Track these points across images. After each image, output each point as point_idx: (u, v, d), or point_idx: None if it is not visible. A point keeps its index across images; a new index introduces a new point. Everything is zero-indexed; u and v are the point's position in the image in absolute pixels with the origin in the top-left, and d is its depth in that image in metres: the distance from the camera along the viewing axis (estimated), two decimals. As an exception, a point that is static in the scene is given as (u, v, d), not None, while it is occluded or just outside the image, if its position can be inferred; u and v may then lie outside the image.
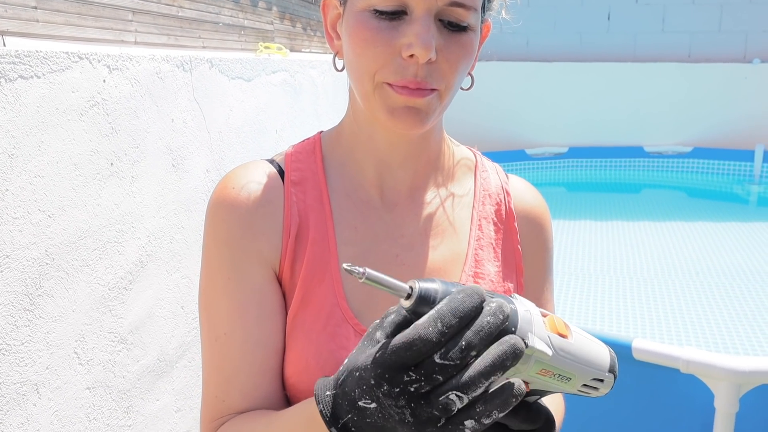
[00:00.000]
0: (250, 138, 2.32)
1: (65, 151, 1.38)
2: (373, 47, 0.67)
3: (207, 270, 0.76)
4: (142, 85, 1.65)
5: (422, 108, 0.69)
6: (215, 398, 0.74)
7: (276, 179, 0.78)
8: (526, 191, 0.87)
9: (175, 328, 1.85)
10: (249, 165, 0.79)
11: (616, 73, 5.82)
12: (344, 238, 0.77)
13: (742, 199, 5.38)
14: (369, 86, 0.70)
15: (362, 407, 0.50)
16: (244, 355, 0.73)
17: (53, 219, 1.36)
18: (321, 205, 0.78)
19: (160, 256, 1.76)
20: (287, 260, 0.76)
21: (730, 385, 1.41)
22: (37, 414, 1.34)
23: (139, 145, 1.65)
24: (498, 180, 0.86)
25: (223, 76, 2.12)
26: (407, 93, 0.68)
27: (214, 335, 0.75)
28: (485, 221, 0.82)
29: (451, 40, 0.68)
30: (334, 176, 0.80)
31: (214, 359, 0.75)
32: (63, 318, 1.40)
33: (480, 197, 0.84)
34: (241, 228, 0.75)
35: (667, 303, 3.15)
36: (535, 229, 0.85)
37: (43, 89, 1.31)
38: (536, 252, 0.85)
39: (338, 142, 0.82)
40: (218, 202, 0.76)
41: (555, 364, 0.53)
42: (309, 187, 0.79)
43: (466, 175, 0.85)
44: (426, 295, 0.49)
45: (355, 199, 0.79)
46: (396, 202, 0.80)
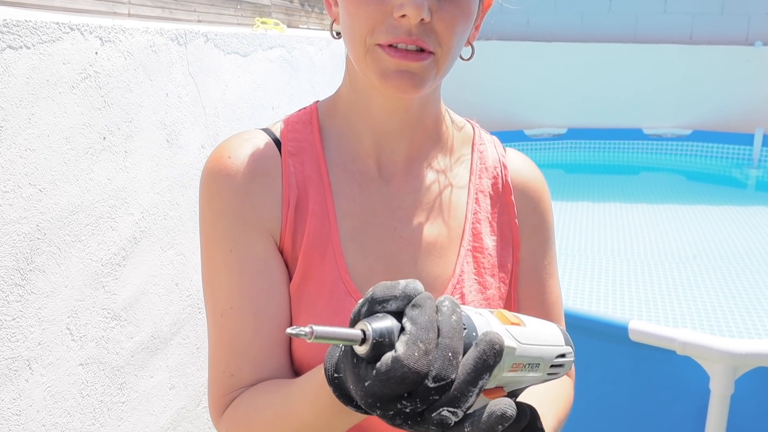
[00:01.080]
0: (245, 114, 2.29)
1: (56, 125, 1.36)
2: (365, 6, 0.66)
3: (206, 244, 0.74)
4: (135, 59, 1.62)
5: (417, 71, 0.67)
6: (224, 373, 0.73)
7: (273, 149, 0.76)
8: (523, 164, 0.86)
9: (169, 305, 1.84)
10: (244, 134, 0.77)
11: (617, 54, 5.77)
12: (343, 210, 0.76)
13: (740, 183, 5.38)
14: (361, 49, 0.68)
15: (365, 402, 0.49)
16: (254, 327, 0.71)
17: (44, 193, 1.34)
18: (319, 177, 0.76)
19: (154, 232, 1.74)
20: (288, 231, 0.74)
21: (726, 367, 1.41)
22: (30, 390, 1.33)
23: (133, 119, 1.62)
24: (495, 153, 0.85)
25: (218, 50, 2.09)
26: (400, 56, 0.66)
27: (219, 310, 0.73)
28: (482, 195, 0.81)
29: (446, 1, 0.66)
30: (332, 147, 0.78)
31: (222, 334, 0.73)
32: (55, 293, 1.39)
33: (477, 170, 0.82)
34: (239, 198, 0.73)
35: (664, 285, 3.15)
36: (532, 203, 0.84)
37: (33, 60, 1.28)
38: (534, 226, 0.84)
39: (335, 111, 0.80)
40: (213, 172, 0.74)
41: (523, 354, 0.53)
42: (306, 158, 0.77)
43: (463, 148, 0.84)
44: (381, 339, 0.46)
45: (352, 171, 0.77)
46: (393, 173, 0.78)
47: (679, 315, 2.82)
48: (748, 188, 5.30)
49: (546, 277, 0.85)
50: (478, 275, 0.78)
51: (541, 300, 0.84)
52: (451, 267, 0.78)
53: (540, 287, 0.84)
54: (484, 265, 0.79)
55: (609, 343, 1.61)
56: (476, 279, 0.78)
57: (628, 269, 3.40)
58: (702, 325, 2.70)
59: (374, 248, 0.76)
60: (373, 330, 0.46)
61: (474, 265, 0.79)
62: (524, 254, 0.83)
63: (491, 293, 0.79)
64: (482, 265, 0.79)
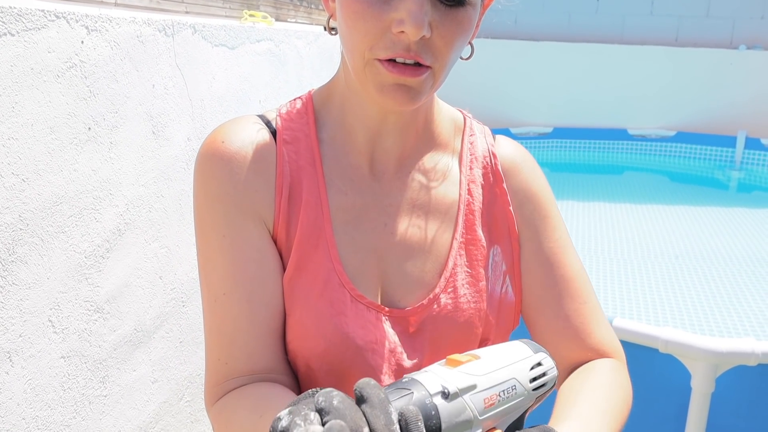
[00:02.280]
0: (232, 107, 2.28)
1: (40, 114, 1.34)
2: (363, 21, 0.65)
3: (200, 229, 0.74)
4: (121, 49, 1.60)
5: (414, 86, 0.67)
6: (218, 361, 0.72)
7: (268, 136, 0.76)
8: (512, 150, 0.85)
9: (153, 298, 1.83)
10: (240, 119, 0.76)
11: (604, 55, 5.81)
12: (336, 202, 0.75)
13: (722, 185, 5.44)
14: (360, 62, 0.68)
15: None
16: (246, 315, 0.71)
17: (27, 183, 1.32)
18: (313, 167, 0.76)
19: (138, 224, 1.73)
20: (281, 220, 0.73)
21: (707, 365, 1.43)
22: (10, 382, 1.31)
23: (119, 110, 1.61)
24: (485, 143, 0.84)
25: (206, 42, 2.07)
26: (398, 71, 0.65)
27: (213, 296, 0.72)
28: (473, 185, 0.81)
29: (447, 16, 0.65)
30: (326, 139, 0.78)
31: (215, 320, 0.72)
32: (37, 285, 1.37)
33: (467, 161, 0.82)
34: (234, 183, 0.72)
35: (647, 284, 3.19)
36: (524, 186, 0.83)
37: (17, 48, 1.26)
38: (530, 209, 0.82)
39: (330, 104, 0.79)
40: (208, 156, 0.73)
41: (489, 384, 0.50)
42: (301, 148, 0.76)
43: (454, 140, 0.83)
44: None
45: (345, 165, 0.77)
46: (384, 171, 0.78)
47: (661, 314, 2.85)
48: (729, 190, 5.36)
49: (557, 255, 0.82)
50: (470, 267, 0.78)
51: (554, 280, 0.81)
52: (443, 260, 0.78)
53: (550, 267, 0.81)
54: (477, 257, 0.79)
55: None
56: (468, 272, 0.78)
57: (611, 268, 3.43)
58: (684, 324, 2.73)
59: (365, 242, 0.76)
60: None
61: (467, 258, 0.78)
62: (526, 239, 0.82)
63: (483, 285, 0.78)
64: (475, 257, 0.79)
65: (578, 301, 0.81)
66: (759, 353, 1.41)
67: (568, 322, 0.80)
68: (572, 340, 0.80)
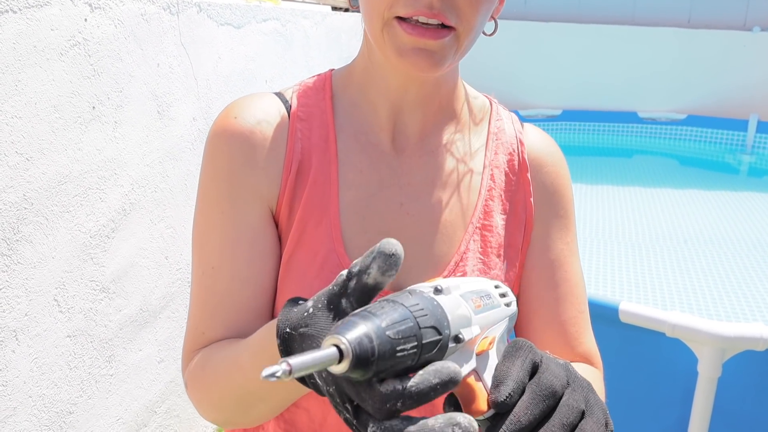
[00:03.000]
0: (238, 87, 2.26)
1: (44, 92, 1.33)
2: None
3: (202, 201, 0.74)
4: (126, 27, 1.59)
5: (436, 50, 0.64)
6: (196, 329, 0.73)
7: (281, 113, 0.75)
8: (541, 141, 0.83)
9: (158, 278, 1.83)
10: (254, 96, 0.75)
11: (614, 36, 5.73)
12: (348, 180, 0.74)
13: (733, 169, 5.38)
14: (378, 23, 0.65)
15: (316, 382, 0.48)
16: (229, 291, 0.71)
17: (32, 162, 1.31)
18: (326, 144, 0.74)
19: (143, 204, 1.72)
20: (286, 198, 0.72)
21: (715, 350, 1.41)
22: (16, 360, 1.32)
23: (123, 89, 1.59)
24: (512, 129, 0.82)
25: (211, 21, 2.05)
26: (418, 33, 0.63)
27: (202, 269, 0.73)
28: (497, 170, 0.79)
29: None
30: (344, 116, 0.76)
31: (200, 292, 0.73)
32: (42, 264, 1.37)
33: (492, 146, 0.80)
34: (242, 160, 0.72)
35: (654, 268, 3.17)
36: (548, 180, 0.81)
37: (19, 25, 1.25)
38: (550, 205, 0.80)
39: (350, 81, 0.77)
40: (219, 132, 0.73)
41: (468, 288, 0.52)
42: (315, 125, 0.75)
43: (479, 124, 0.81)
44: (363, 352, 0.40)
45: (363, 142, 0.75)
46: (405, 147, 0.76)
47: (669, 298, 2.83)
48: (740, 174, 5.30)
49: (565, 257, 0.80)
50: (483, 254, 0.76)
51: (557, 283, 0.79)
52: (456, 244, 0.76)
53: (556, 269, 0.79)
54: (491, 245, 0.76)
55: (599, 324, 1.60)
56: (480, 258, 0.76)
57: (619, 252, 3.41)
58: (692, 309, 2.71)
59: (376, 223, 0.74)
60: (350, 343, 0.40)
61: (481, 243, 0.76)
62: (538, 234, 0.80)
63: (495, 273, 0.76)
64: (489, 244, 0.76)
65: (577, 309, 0.80)
66: (767, 338, 1.39)
67: (563, 327, 0.79)
68: (564, 345, 0.79)
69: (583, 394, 0.51)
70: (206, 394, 0.69)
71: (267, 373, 0.37)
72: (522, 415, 0.47)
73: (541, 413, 0.47)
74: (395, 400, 0.41)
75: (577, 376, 0.52)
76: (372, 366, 0.41)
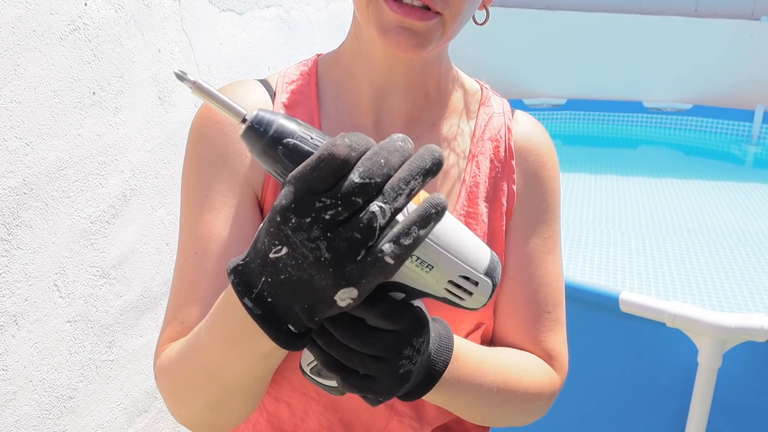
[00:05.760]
0: (240, 74, 2.25)
1: (44, 77, 1.32)
2: None
3: (185, 187, 0.73)
4: (126, 12, 1.58)
5: (420, 31, 0.63)
6: (175, 319, 0.71)
7: (265, 100, 0.74)
8: (530, 128, 0.81)
9: (159, 264, 1.83)
10: (237, 83, 0.75)
11: (620, 26, 5.68)
12: None
13: (738, 159, 5.35)
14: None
15: (273, 260, 0.43)
16: (209, 278, 0.69)
17: (31, 147, 1.31)
18: None
19: (144, 191, 1.72)
20: (270, 185, 0.72)
21: (715, 340, 1.41)
22: (16, 345, 1.32)
23: (124, 74, 1.59)
24: (502, 117, 0.80)
25: (213, 7, 2.03)
26: (403, 12, 0.62)
27: (183, 255, 0.72)
28: (482, 157, 0.77)
29: None
30: (328, 100, 0.75)
31: (182, 279, 0.71)
32: (42, 249, 1.37)
33: (480, 133, 0.78)
34: (223, 147, 0.71)
35: (657, 258, 3.16)
36: (533, 168, 0.79)
37: (18, 9, 1.24)
38: (533, 193, 0.79)
39: (336, 64, 0.77)
40: (202, 119, 0.72)
41: None
42: (300, 111, 0.74)
43: (469, 109, 0.80)
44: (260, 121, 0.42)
45: (347, 126, 0.75)
46: (390, 132, 0.75)
47: (672, 288, 2.83)
48: (746, 165, 5.27)
49: (541, 253, 0.78)
50: None
51: (530, 278, 0.78)
52: None
53: (530, 263, 0.78)
54: (476, 232, 0.76)
55: (600, 314, 1.60)
56: None
57: (623, 241, 3.40)
58: (695, 300, 2.70)
59: None
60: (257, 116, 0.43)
61: None
62: (516, 224, 0.78)
63: None
64: (474, 231, 0.76)
65: (545, 308, 0.78)
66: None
67: (529, 322, 0.77)
68: (527, 339, 0.78)
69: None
70: (171, 384, 0.66)
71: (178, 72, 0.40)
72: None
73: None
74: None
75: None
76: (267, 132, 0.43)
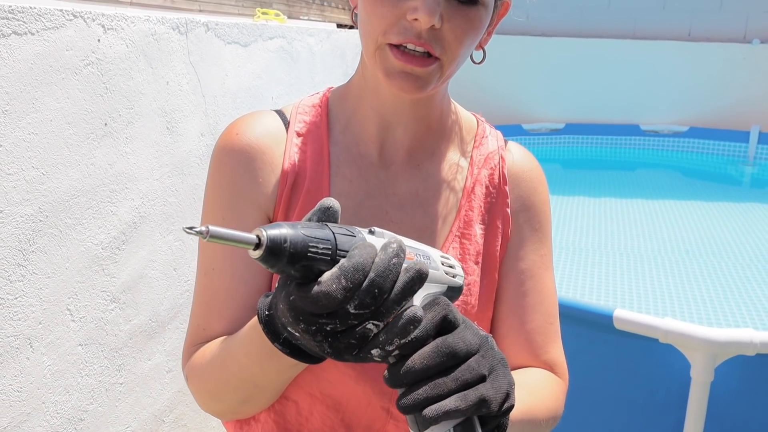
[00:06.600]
0: (245, 104, 2.32)
1: (59, 109, 1.39)
2: (381, 6, 0.70)
3: (206, 209, 0.81)
4: (137, 46, 1.65)
5: (421, 75, 0.71)
6: (197, 326, 0.80)
7: (280, 129, 0.82)
8: (521, 157, 0.89)
9: (167, 289, 1.88)
10: (255, 114, 0.83)
11: (616, 51, 5.80)
12: (338, 189, 0.80)
13: (735, 180, 5.42)
14: (372, 46, 0.72)
15: (290, 331, 0.54)
16: (228, 289, 0.78)
17: (47, 176, 1.37)
18: (320, 157, 0.81)
19: (153, 218, 1.78)
20: (282, 207, 0.79)
21: (706, 355, 1.45)
22: (31, 367, 1.37)
23: (134, 106, 1.66)
24: (496, 146, 0.88)
25: (219, 40, 2.11)
26: (405, 60, 0.70)
27: (203, 269, 0.80)
28: (479, 185, 0.85)
29: (459, 12, 0.70)
30: (337, 130, 0.83)
31: (202, 292, 0.80)
32: (56, 275, 1.42)
33: (476, 162, 0.86)
34: (240, 173, 0.79)
35: (656, 280, 3.20)
36: (526, 193, 0.87)
37: (37, 46, 1.31)
38: (527, 217, 0.86)
39: (346, 97, 0.84)
40: (223, 146, 0.80)
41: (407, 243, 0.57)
42: (311, 139, 0.82)
43: (466, 141, 0.88)
44: (276, 243, 0.47)
45: (354, 154, 0.82)
46: (393, 160, 0.82)
47: (670, 308, 2.86)
48: (743, 185, 5.34)
49: (538, 269, 0.85)
50: (461, 260, 0.82)
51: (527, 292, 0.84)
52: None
53: (527, 279, 0.84)
54: (470, 252, 0.82)
55: (595, 332, 1.65)
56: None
57: (621, 262, 3.44)
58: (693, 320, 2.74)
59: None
60: (268, 236, 0.47)
61: (460, 250, 0.82)
62: (513, 244, 0.85)
63: (471, 279, 0.82)
64: (468, 251, 0.82)
65: (544, 320, 0.85)
66: (757, 343, 1.43)
67: (530, 336, 0.84)
68: (529, 352, 0.84)
69: (490, 363, 0.55)
70: (204, 385, 0.76)
71: (187, 229, 0.44)
72: (417, 362, 0.52)
73: (436, 366, 0.52)
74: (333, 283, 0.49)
75: (492, 348, 0.56)
76: (284, 255, 0.48)
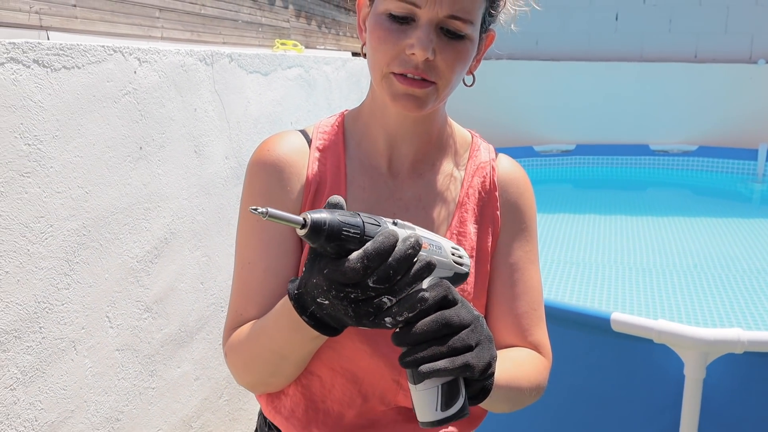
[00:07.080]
0: (266, 129, 2.47)
1: (101, 135, 1.54)
2: (385, 44, 0.86)
3: (242, 213, 0.96)
4: (168, 77, 1.81)
5: (420, 96, 0.87)
6: (235, 312, 0.94)
7: (304, 146, 0.97)
8: (509, 167, 1.04)
9: (195, 302, 2.01)
10: (283, 133, 0.98)
11: (624, 73, 5.91)
12: (354, 195, 0.96)
13: (745, 198, 5.47)
14: (379, 75, 0.88)
15: (320, 302, 0.70)
16: (262, 280, 0.92)
17: (90, 195, 1.52)
18: (338, 169, 0.96)
19: (182, 234, 1.92)
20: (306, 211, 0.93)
21: (698, 353, 1.54)
22: (75, 368, 1.50)
23: (165, 131, 1.81)
24: (488, 158, 1.03)
25: (241, 70, 2.27)
26: (407, 84, 0.86)
27: (240, 264, 0.94)
28: (472, 190, 1.00)
29: (448, 46, 0.85)
30: (352, 146, 0.98)
31: (239, 282, 0.94)
32: (97, 284, 1.56)
33: (471, 171, 1.01)
34: (273, 182, 0.94)
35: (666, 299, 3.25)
36: (513, 198, 1.01)
37: (82, 78, 1.47)
38: (514, 218, 1.01)
39: (358, 118, 1.00)
40: (256, 161, 0.96)
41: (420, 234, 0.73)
42: (330, 154, 0.97)
43: (461, 153, 1.02)
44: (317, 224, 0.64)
45: (366, 166, 0.97)
46: (399, 171, 0.98)
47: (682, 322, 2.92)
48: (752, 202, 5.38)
49: (524, 262, 1.00)
50: None
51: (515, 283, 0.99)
52: None
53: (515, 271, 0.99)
54: (465, 247, 0.97)
55: (593, 335, 1.75)
56: None
57: (632, 279, 3.51)
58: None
59: None
60: (312, 219, 0.64)
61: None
62: (502, 242, 1.00)
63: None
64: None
65: (531, 307, 0.99)
66: (745, 341, 1.52)
67: (517, 319, 0.98)
68: (516, 334, 0.98)
69: (478, 337, 0.71)
70: (239, 358, 0.90)
71: (252, 208, 0.61)
72: (419, 328, 0.68)
73: (433, 333, 0.68)
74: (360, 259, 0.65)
75: (481, 326, 0.73)
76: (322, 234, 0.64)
